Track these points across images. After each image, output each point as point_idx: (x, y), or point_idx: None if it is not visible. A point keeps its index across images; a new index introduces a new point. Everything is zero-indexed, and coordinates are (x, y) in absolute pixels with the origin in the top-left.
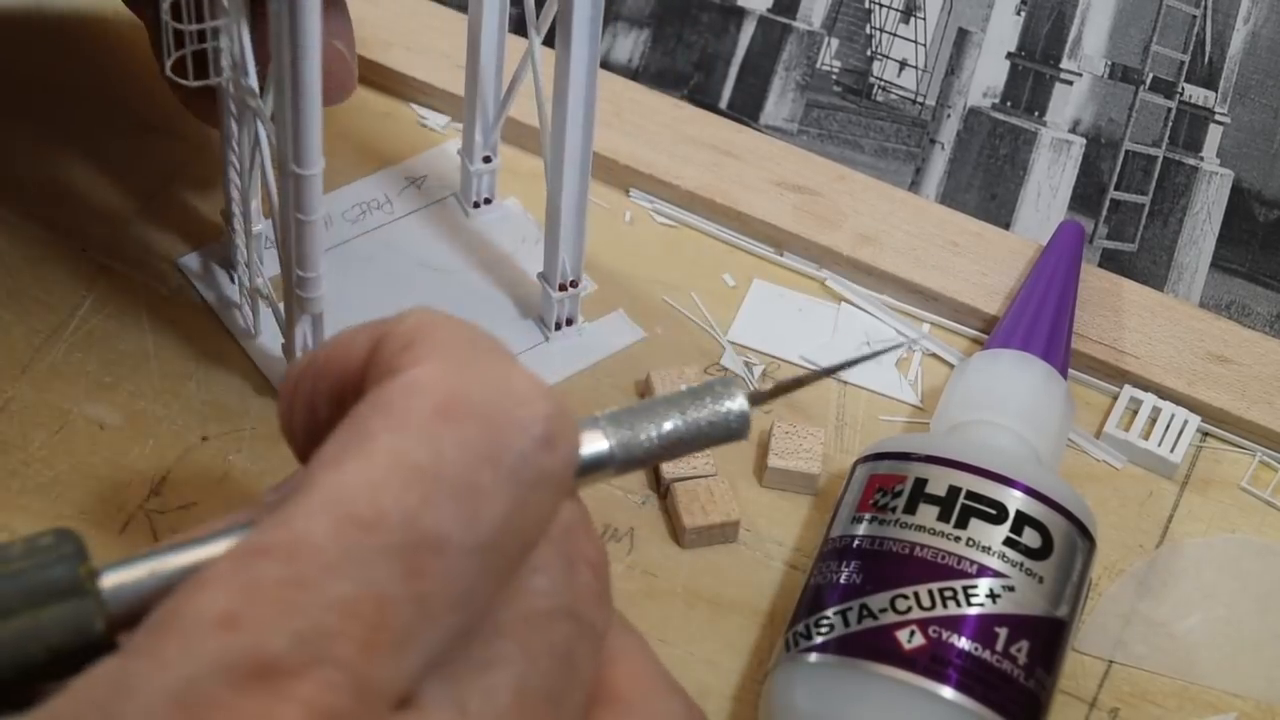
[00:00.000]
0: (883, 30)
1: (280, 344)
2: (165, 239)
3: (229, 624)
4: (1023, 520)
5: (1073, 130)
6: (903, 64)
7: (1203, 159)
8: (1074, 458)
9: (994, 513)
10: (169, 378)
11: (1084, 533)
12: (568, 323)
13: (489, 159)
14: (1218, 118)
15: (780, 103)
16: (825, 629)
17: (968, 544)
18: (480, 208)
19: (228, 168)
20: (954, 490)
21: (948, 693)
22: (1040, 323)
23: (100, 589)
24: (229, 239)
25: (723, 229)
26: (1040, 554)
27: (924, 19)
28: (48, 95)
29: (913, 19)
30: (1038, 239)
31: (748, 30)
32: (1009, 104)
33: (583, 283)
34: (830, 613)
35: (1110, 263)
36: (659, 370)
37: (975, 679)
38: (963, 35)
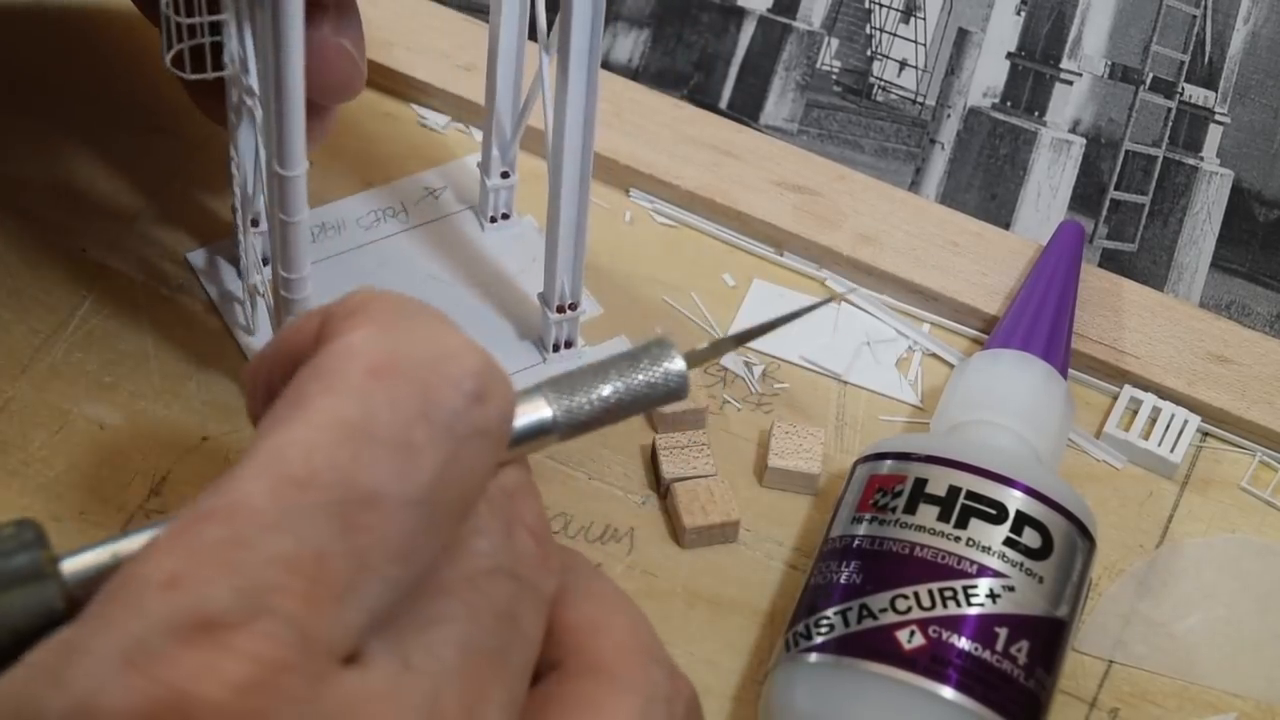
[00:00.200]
0: (883, 30)
1: None
2: (166, 239)
3: (172, 584)
4: (1023, 520)
5: (1073, 130)
6: (903, 64)
7: (1203, 159)
8: (1074, 458)
9: (994, 513)
10: (169, 378)
11: (1084, 533)
12: (566, 345)
13: (506, 174)
14: (1218, 118)
15: (780, 103)
16: (825, 629)
17: (968, 544)
18: (497, 223)
19: (230, 163)
20: (954, 490)
21: (948, 693)
22: (1040, 323)
23: (61, 573)
24: (235, 235)
25: (723, 229)
26: (1040, 554)
27: (924, 19)
28: (48, 94)
29: (913, 19)
30: (1038, 239)
31: (748, 30)
32: (1009, 104)
33: (584, 305)
34: (830, 613)
35: (1110, 263)
36: None
37: (975, 679)
38: (963, 35)
